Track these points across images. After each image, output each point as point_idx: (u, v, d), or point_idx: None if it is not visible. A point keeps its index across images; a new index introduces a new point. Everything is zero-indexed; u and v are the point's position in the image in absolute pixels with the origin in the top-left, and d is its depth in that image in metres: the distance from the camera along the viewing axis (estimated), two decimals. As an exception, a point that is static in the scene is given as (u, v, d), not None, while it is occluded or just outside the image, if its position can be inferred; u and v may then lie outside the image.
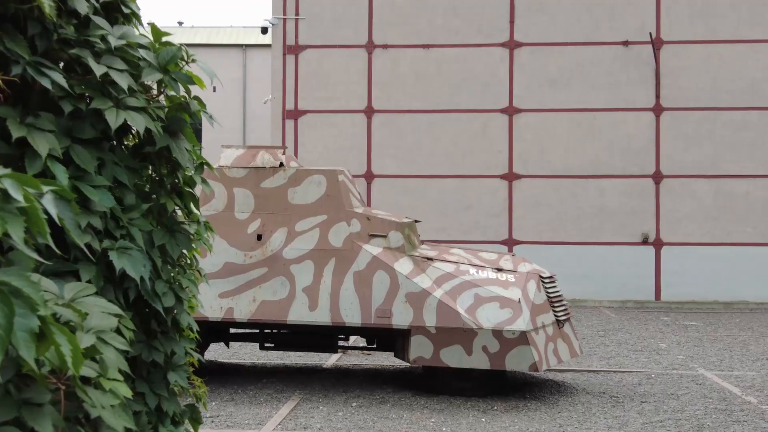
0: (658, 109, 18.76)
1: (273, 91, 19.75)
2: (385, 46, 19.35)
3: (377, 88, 19.38)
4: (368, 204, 18.89)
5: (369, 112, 19.40)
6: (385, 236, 8.46)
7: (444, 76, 19.25)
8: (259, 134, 33.39)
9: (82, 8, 2.43)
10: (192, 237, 2.92)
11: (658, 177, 18.71)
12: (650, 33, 18.57)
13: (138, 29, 2.81)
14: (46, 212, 1.65)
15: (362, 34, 19.41)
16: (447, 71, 19.24)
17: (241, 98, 35.16)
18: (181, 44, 2.71)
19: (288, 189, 8.65)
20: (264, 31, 19.95)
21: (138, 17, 2.78)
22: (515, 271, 8.51)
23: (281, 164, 8.73)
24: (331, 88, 19.45)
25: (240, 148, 9.15)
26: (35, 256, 1.67)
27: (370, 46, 19.39)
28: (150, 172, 2.86)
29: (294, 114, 19.53)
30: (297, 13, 19.47)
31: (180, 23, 39.05)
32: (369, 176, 19.37)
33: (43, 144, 2.19)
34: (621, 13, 18.86)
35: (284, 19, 19.46)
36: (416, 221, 9.30)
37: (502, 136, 19.11)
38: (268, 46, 27.18)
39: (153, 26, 2.69)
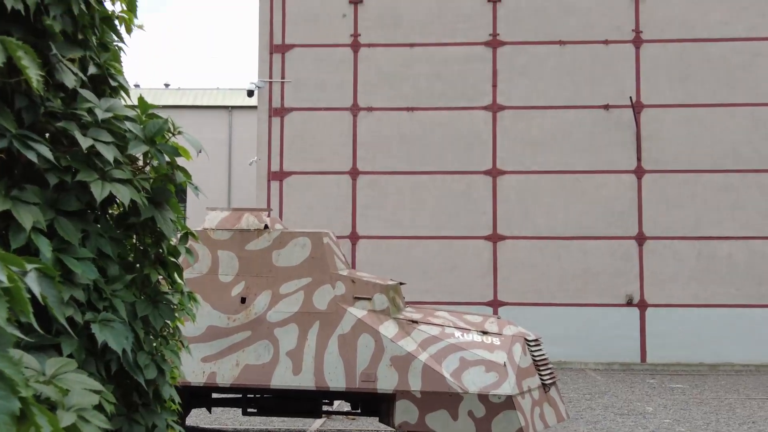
0: (639, 172, 18.98)
1: (258, 153, 19.86)
2: (369, 109, 19.57)
3: (362, 149, 19.53)
4: (353, 265, 18.86)
5: (354, 173, 19.51)
6: (369, 299, 8.43)
7: (428, 139, 19.45)
8: (244, 195, 33.47)
9: (70, 82, 2.46)
10: (175, 307, 2.91)
11: (641, 238, 18.84)
12: (630, 97, 18.90)
13: (125, 100, 2.84)
14: (29, 290, 1.65)
15: (347, 97, 19.64)
16: (431, 133, 19.45)
17: (227, 159, 35.31)
18: (166, 107, 2.74)
19: (272, 251, 8.63)
20: (250, 94, 20.15)
21: (126, 89, 2.82)
22: (500, 334, 8.48)
23: (266, 227, 8.73)
24: (316, 149, 19.59)
25: (225, 211, 9.15)
26: (17, 333, 1.66)
27: (355, 109, 19.60)
28: (134, 241, 2.86)
29: (279, 175, 19.62)
30: (283, 77, 19.71)
31: (166, 85, 39.35)
32: (354, 237, 19.39)
33: (28, 217, 2.20)
34: (601, 78, 19.20)
35: (270, 83, 19.68)
36: (401, 283, 9.28)
37: (486, 197, 19.24)
38: (254, 107, 27.42)
39: (140, 99, 2.72)
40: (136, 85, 37.54)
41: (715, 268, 18.67)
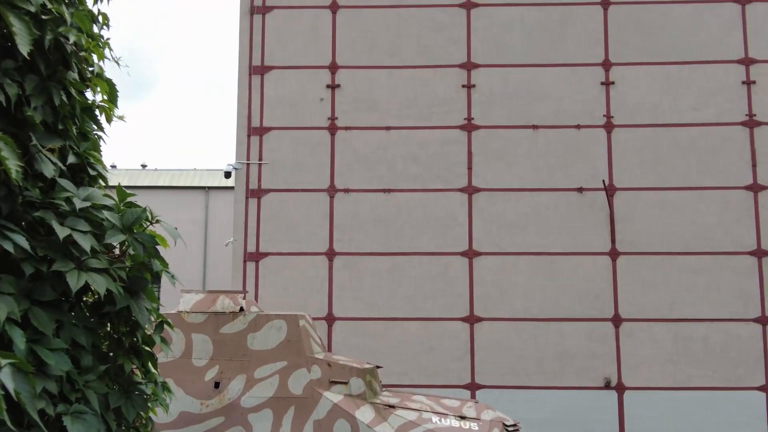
0: (614, 254, 19.14)
1: (235, 234, 19.84)
2: (346, 191, 19.70)
3: (339, 231, 19.58)
4: (329, 348, 18.69)
5: (330, 254, 19.51)
6: (346, 383, 8.34)
7: (404, 220, 19.55)
8: (219, 277, 33.27)
9: (49, 171, 2.47)
10: (148, 398, 2.86)
11: (617, 320, 18.87)
12: (603, 180, 19.20)
13: (104, 188, 2.85)
14: (3, 386, 1.62)
15: (324, 178, 19.78)
16: (407, 215, 19.57)
17: (203, 240, 35.21)
18: (143, 187, 2.74)
19: (248, 334, 8.56)
20: (227, 175, 20.26)
21: (104, 178, 2.83)
22: (479, 419, 8.39)
23: (241, 309, 8.68)
24: (292, 231, 19.61)
25: (200, 293, 9.10)
26: (-13, 431, 1.63)
27: (331, 190, 19.73)
28: (109, 330, 2.83)
29: (255, 256, 19.57)
30: (260, 159, 19.86)
31: (143, 166, 39.47)
32: (330, 319, 19.25)
33: (2, 308, 2.17)
34: (574, 161, 19.52)
35: (247, 164, 19.81)
36: (378, 367, 9.20)
37: (462, 278, 19.26)
38: (231, 188, 27.51)
39: (119, 188, 2.73)
40: (113, 166, 37.60)
41: (692, 350, 18.69)
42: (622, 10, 19.96)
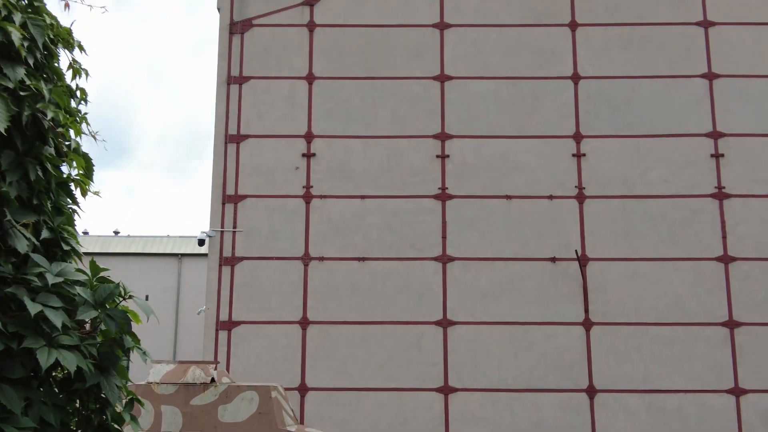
0: (587, 324, 19.17)
1: (207, 302, 19.67)
2: (321, 259, 19.67)
3: (312, 299, 19.48)
4: (301, 419, 18.39)
5: (304, 323, 19.37)
6: (318, 458, 8.21)
7: (378, 289, 19.51)
8: (191, 345, 32.81)
9: (22, 247, 2.46)
10: (117, 477, 2.79)
11: (591, 391, 18.79)
12: (576, 250, 19.35)
13: (77, 263, 2.84)
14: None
15: (299, 246, 19.76)
16: (381, 284, 19.54)
17: (174, 308, 34.84)
18: (115, 254, 2.73)
19: (218, 406, 8.42)
20: (201, 243, 20.17)
21: (78, 254, 2.82)
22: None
23: (212, 380, 8.56)
24: (266, 299, 19.48)
25: (170, 363, 8.98)
26: None
27: (306, 259, 19.69)
28: (78, 406, 2.78)
29: (228, 325, 19.37)
30: (235, 226, 19.83)
31: (116, 232, 39.21)
32: (303, 389, 19.00)
33: (-31, 387, 2.14)
34: (547, 231, 19.68)
35: (222, 232, 19.77)
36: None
37: (436, 348, 19.16)
38: (205, 255, 27.37)
39: (92, 263, 2.72)
40: (85, 233, 37.31)
41: (666, 421, 18.61)
42: (593, 84, 20.42)
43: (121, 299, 2.72)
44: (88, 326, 2.76)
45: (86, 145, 3.21)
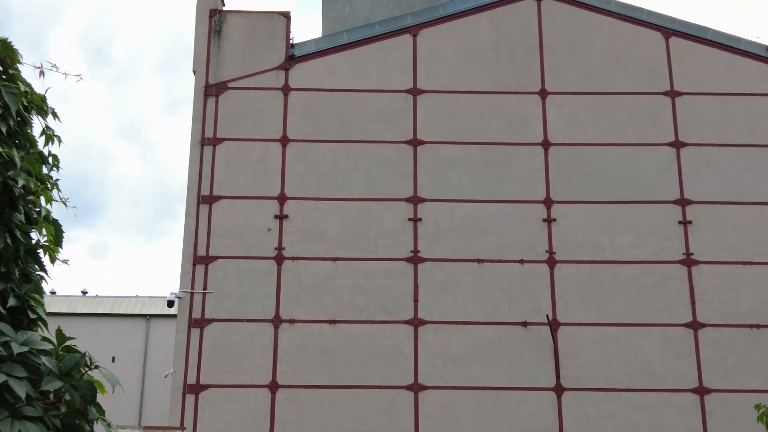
0: (558, 389, 19.10)
1: (175, 365, 19.36)
2: (291, 321, 19.52)
3: (282, 362, 19.25)
4: (269, 485, 17.99)
5: (273, 387, 19.10)
6: None
7: (350, 352, 19.35)
8: (157, 409, 32.15)
9: (-13, 316, 2.43)
10: None
11: (563, 458, 18.62)
12: (547, 315, 19.38)
13: (43, 330, 2.80)
14: None
15: (269, 308, 19.60)
16: (353, 347, 19.38)
17: (141, 370, 34.23)
18: (82, 315, 2.70)
19: (184, 475, 8.23)
20: (170, 304, 19.93)
21: (44, 322, 2.78)
22: None
23: (179, 448, 8.38)
24: (235, 362, 19.21)
25: (135, 429, 8.78)
26: None
27: (276, 321, 19.52)
28: (39, 479, 2.71)
29: (195, 389, 19.04)
30: (205, 287, 19.66)
31: (84, 292, 38.67)
32: (271, 455, 18.63)
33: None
34: (518, 296, 19.73)
35: (192, 293, 19.58)
36: None
37: (407, 413, 18.95)
38: (174, 316, 27.06)
39: (58, 331, 2.69)
40: (52, 292, 36.70)
41: (638, 489, 18.44)
42: (562, 150, 20.73)
43: (87, 369, 2.68)
44: (52, 396, 2.71)
45: (57, 209, 3.21)
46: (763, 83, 21.06)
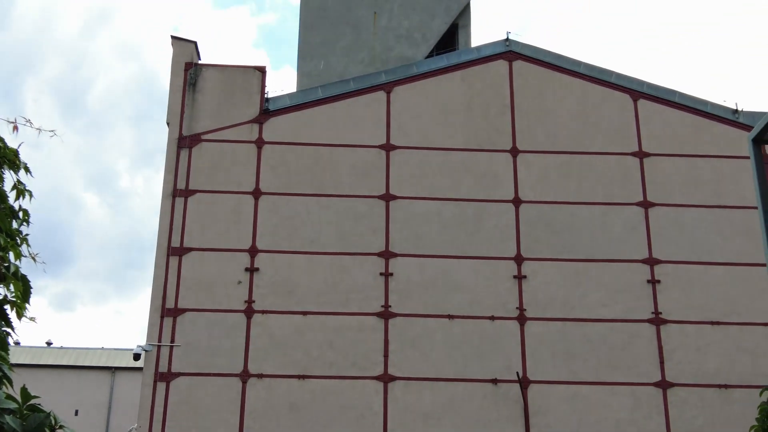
0: (528, 448, 18.95)
1: (140, 419, 18.98)
2: (260, 376, 19.28)
3: (250, 418, 18.96)
4: None
5: (240, 443, 18.76)
6: None
7: (319, 408, 19.11)
8: (119, 463, 31.41)
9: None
10: None
11: None
12: (517, 372, 19.33)
13: (8, 388, 2.75)
14: None
15: (238, 363, 19.37)
16: (322, 402, 19.16)
17: (105, 424, 33.49)
18: (46, 366, 2.65)
19: None
20: (136, 357, 19.62)
21: (9, 380, 2.73)
22: None
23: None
24: (201, 417, 18.88)
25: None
26: None
27: (244, 375, 19.27)
28: None
29: (160, 444, 18.64)
30: (172, 340, 19.40)
31: (48, 343, 37.97)
32: None
33: None
34: (489, 352, 19.68)
35: (158, 346, 19.30)
36: None
37: (375, 471, 18.67)
38: (139, 369, 26.61)
39: (23, 390, 2.64)
40: (17, 343, 35.90)
41: None
42: (533, 208, 20.93)
43: (51, 429, 2.64)
44: (13, 457, 2.66)
45: (25, 263, 3.17)
46: (729, 146, 21.49)
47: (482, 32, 60.34)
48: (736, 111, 22.08)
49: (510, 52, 22.28)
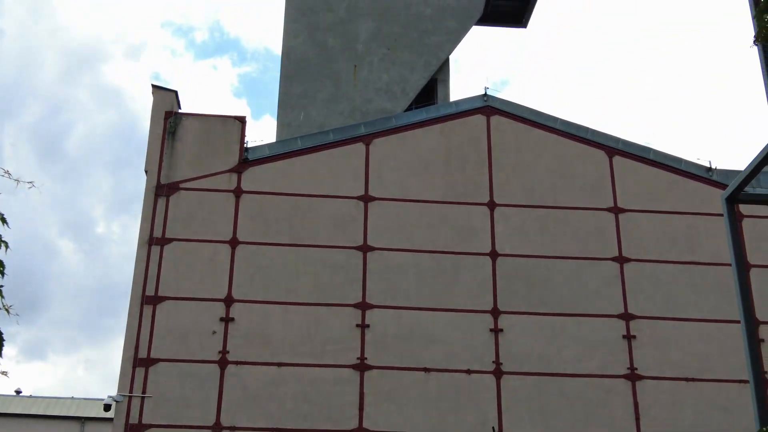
0: (504, 504, 18.71)
1: (108, 472, 18.56)
2: (232, 429, 18.98)
3: (221, 472, 18.60)
4: None
5: (210, 497, 18.37)
6: None
7: (292, 462, 18.80)
8: None
9: None
10: None
11: None
12: (493, 427, 19.18)
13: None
14: None
15: (210, 415, 19.07)
16: (295, 457, 18.84)
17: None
18: (15, 416, 2.59)
19: None
20: (107, 407, 19.25)
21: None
22: None
23: None
24: (171, 471, 18.48)
25: None
26: None
27: (217, 428, 18.97)
28: None
29: (128, 498, 18.21)
30: (144, 391, 19.09)
31: (17, 392, 37.21)
32: None
33: None
34: (465, 407, 19.53)
35: (130, 397, 18.98)
36: None
37: None
38: (110, 420, 26.09)
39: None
40: (-16, 392, 35.28)
41: None
42: (510, 262, 20.99)
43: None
44: None
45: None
46: (703, 203, 21.74)
47: (461, 85, 61.09)
48: (710, 169, 22.40)
49: (488, 107, 22.56)
